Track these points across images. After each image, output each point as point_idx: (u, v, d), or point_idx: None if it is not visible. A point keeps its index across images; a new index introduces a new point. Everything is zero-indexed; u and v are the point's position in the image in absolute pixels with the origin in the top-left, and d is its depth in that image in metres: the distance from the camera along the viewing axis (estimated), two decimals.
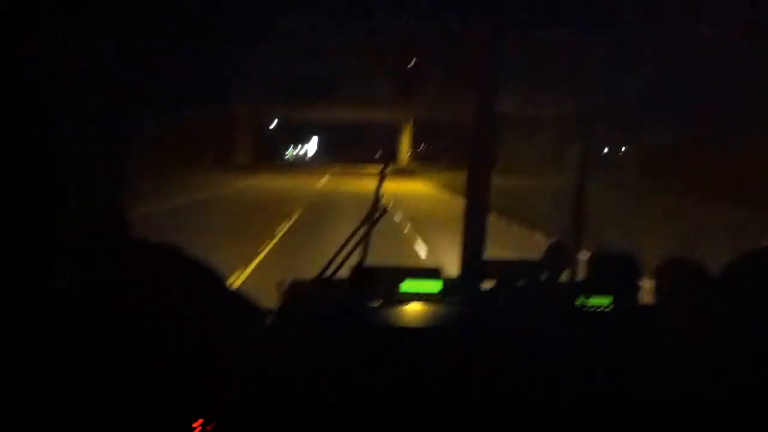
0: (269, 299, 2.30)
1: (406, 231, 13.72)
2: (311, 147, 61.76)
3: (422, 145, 51.85)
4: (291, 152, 58.53)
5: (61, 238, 1.56)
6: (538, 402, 1.84)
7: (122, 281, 1.60)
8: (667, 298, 2.15)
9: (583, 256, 2.75)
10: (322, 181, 31.37)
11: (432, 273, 2.59)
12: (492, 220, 3.08)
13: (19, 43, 1.47)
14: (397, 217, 15.04)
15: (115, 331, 1.55)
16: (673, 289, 2.13)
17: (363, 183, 18.89)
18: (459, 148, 28.14)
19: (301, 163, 55.02)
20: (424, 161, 45.65)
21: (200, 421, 1.71)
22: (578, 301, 2.45)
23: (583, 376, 1.86)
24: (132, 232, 1.82)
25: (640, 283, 2.51)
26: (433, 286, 2.54)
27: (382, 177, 2.74)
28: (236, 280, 8.55)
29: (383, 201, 2.65)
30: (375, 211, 2.63)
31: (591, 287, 2.51)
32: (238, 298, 2.13)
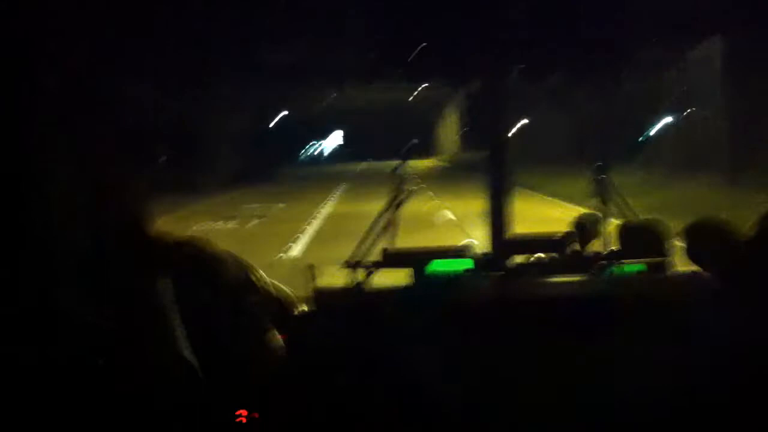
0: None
1: None
2: (330, 143, 51.93)
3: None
4: (304, 153, 48.44)
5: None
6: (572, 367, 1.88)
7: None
8: (698, 261, 2.17)
9: (614, 226, 2.78)
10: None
11: (461, 251, 2.64)
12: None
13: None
14: None
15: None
16: (703, 252, 2.15)
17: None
18: None
19: (313, 166, 42.35)
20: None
21: (244, 411, 1.76)
22: (610, 270, 2.49)
23: (610, 345, 1.90)
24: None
25: (671, 249, 2.53)
26: (463, 264, 2.58)
27: (404, 159, 2.79)
28: None
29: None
30: (400, 193, 2.68)
31: (622, 256, 2.54)
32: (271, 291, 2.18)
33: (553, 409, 1.97)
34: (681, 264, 2.42)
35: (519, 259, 2.70)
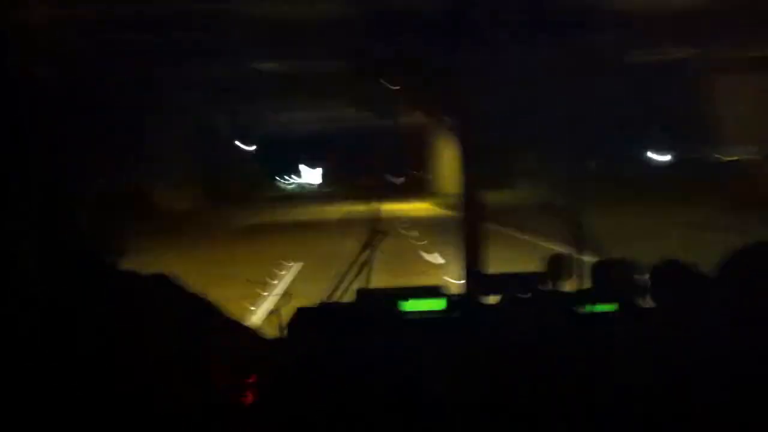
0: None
1: None
2: (307, 177, 44.75)
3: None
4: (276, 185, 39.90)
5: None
6: (545, 406, 1.92)
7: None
8: (665, 301, 2.24)
9: (586, 265, 2.85)
10: None
11: (435, 291, 2.68)
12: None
13: None
14: None
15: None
16: (669, 292, 2.22)
17: None
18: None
19: (285, 203, 31.20)
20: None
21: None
22: (585, 309, 2.54)
23: (587, 381, 1.94)
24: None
25: (643, 288, 2.60)
26: (437, 303, 2.62)
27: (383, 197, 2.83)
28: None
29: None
30: (375, 234, 2.73)
31: (595, 295, 2.60)
32: (241, 327, 2.21)
33: None
34: (650, 302, 2.48)
35: (493, 298, 2.75)
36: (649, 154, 22.57)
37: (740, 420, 1.74)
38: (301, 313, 2.52)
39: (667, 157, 22.30)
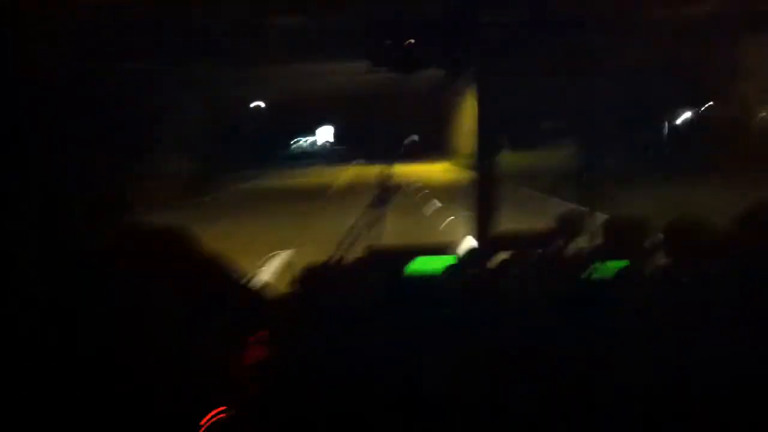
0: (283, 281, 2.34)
1: None
2: (319, 138, 43.09)
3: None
4: (285, 150, 38.36)
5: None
6: (540, 378, 1.92)
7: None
8: (676, 259, 2.22)
9: (598, 221, 2.82)
10: None
11: (445, 249, 2.67)
12: None
13: None
14: None
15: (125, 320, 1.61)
16: (681, 251, 2.20)
17: None
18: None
19: (282, 174, 28.75)
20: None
21: (223, 408, 1.80)
22: (594, 266, 2.53)
23: (584, 355, 1.94)
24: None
25: (653, 246, 2.58)
26: (447, 261, 2.62)
27: (396, 157, 2.82)
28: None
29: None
30: (386, 191, 2.72)
31: (605, 253, 2.59)
32: (249, 288, 2.22)
33: (537, 407, 2.01)
34: (662, 260, 2.47)
35: (503, 255, 2.74)
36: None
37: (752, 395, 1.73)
38: (309, 270, 2.53)
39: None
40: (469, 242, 3.01)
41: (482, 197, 3.18)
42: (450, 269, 2.56)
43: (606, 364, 1.95)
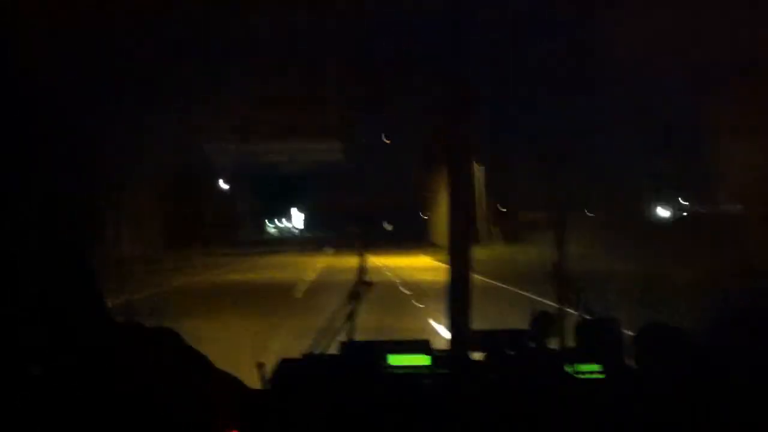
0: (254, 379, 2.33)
1: None
2: (291, 223, 39.73)
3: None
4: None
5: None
6: None
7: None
8: (650, 364, 2.25)
9: (570, 323, 2.86)
10: None
11: (420, 346, 2.67)
12: None
13: None
14: None
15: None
16: (654, 355, 2.24)
17: None
18: None
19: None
20: None
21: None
22: (568, 369, 2.55)
23: None
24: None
25: (625, 350, 2.62)
26: (422, 359, 2.62)
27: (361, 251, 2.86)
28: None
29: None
30: (361, 286, 2.74)
31: (579, 355, 2.62)
32: (226, 378, 2.19)
33: None
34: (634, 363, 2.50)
35: (478, 355, 2.75)
36: None
37: None
38: (285, 364, 2.51)
39: None
40: (443, 339, 3.02)
41: (455, 294, 3.20)
42: (432, 365, 2.56)
43: None
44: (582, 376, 2.52)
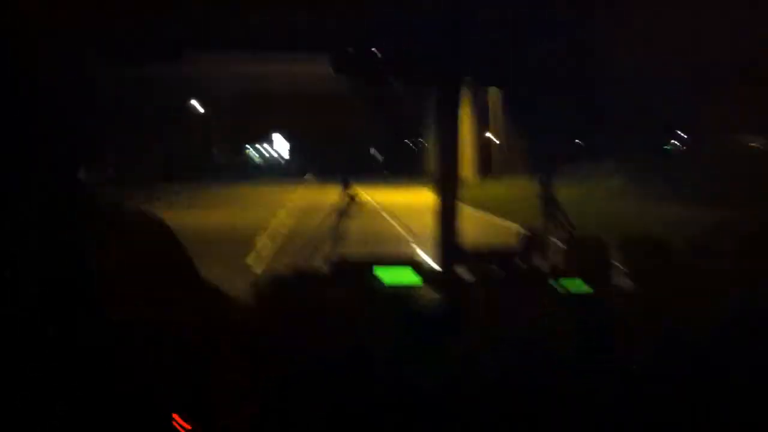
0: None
1: None
2: (280, 146, 37.21)
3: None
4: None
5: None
6: (528, 389, 1.94)
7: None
8: (638, 280, 2.27)
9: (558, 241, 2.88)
10: None
11: (409, 262, 2.68)
12: None
13: None
14: None
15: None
16: (643, 270, 2.26)
17: None
18: None
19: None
20: None
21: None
22: (554, 284, 2.58)
23: (568, 361, 1.97)
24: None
25: (614, 266, 2.64)
26: (411, 275, 2.62)
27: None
28: None
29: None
30: (345, 201, 2.72)
31: (566, 272, 2.64)
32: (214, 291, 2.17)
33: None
34: (621, 279, 2.53)
35: (466, 272, 2.76)
36: None
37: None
38: (274, 277, 2.50)
39: None
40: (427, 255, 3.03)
41: (444, 212, 3.20)
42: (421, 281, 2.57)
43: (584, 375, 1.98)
44: (568, 291, 2.55)
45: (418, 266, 2.67)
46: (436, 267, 2.99)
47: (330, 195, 2.87)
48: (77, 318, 1.53)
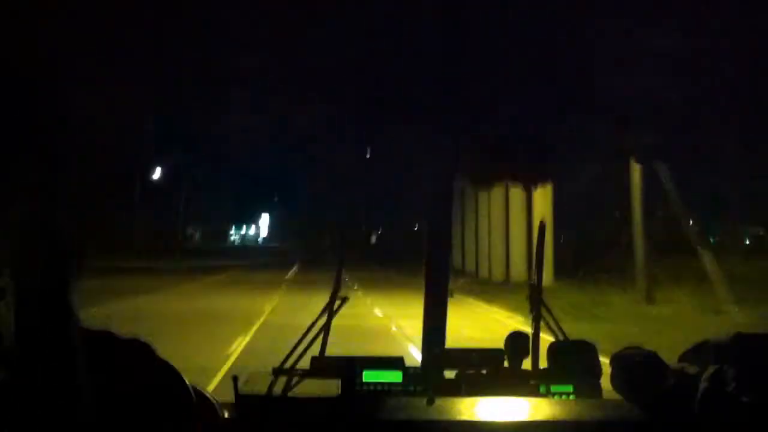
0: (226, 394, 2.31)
1: None
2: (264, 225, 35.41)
3: None
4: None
5: None
6: None
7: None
8: (624, 387, 2.29)
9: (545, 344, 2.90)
10: None
11: (393, 363, 2.68)
12: None
13: None
14: None
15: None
16: (629, 378, 2.28)
17: None
18: None
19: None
20: None
21: None
22: (540, 389, 2.59)
23: None
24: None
25: (599, 372, 2.66)
26: (395, 376, 2.63)
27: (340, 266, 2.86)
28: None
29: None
30: (334, 301, 2.74)
31: (552, 376, 2.65)
32: (194, 393, 2.17)
33: None
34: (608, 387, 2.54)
35: (450, 373, 2.77)
36: None
37: None
38: (255, 377, 2.50)
39: None
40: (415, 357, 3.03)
41: (429, 313, 3.22)
42: (404, 382, 2.57)
43: None
44: (554, 396, 2.56)
45: (400, 365, 2.68)
46: (420, 365, 3.00)
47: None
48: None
